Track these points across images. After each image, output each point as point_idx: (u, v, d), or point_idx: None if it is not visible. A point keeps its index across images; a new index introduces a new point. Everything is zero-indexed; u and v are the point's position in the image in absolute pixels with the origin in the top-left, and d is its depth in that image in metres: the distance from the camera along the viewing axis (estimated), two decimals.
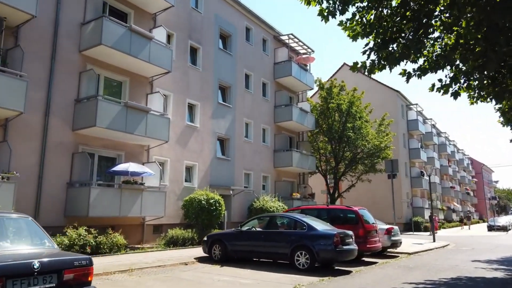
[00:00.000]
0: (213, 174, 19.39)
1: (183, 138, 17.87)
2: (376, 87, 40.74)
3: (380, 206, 38.12)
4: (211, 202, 16.23)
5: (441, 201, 51.28)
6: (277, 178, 24.61)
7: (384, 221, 36.55)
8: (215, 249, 11.55)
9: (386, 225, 15.23)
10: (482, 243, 23.32)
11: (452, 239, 26.58)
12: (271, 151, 24.37)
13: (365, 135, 26.96)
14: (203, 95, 19.32)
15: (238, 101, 21.83)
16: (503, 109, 13.07)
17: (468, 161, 78.15)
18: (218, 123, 20.15)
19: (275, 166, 24.36)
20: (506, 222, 41.00)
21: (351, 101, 27.75)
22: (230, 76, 21.46)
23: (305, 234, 10.24)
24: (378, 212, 38.85)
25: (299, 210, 13.60)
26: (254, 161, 22.59)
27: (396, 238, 14.77)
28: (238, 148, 21.44)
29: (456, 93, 7.52)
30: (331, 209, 13.08)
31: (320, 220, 11.56)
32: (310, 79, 27.12)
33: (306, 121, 25.93)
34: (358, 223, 12.17)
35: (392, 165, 17.82)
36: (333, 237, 9.88)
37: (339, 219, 12.80)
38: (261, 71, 24.17)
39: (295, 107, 25.07)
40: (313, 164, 26.36)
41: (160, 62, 15.40)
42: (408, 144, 41.94)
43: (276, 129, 25.04)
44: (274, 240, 10.67)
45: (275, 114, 24.98)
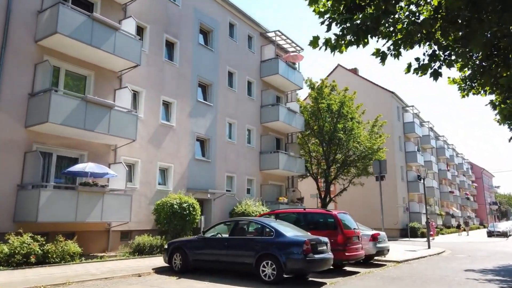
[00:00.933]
0: (191, 176, 18.17)
1: (156, 138, 16.67)
2: (371, 88, 39.66)
3: (375, 210, 36.79)
4: (184, 207, 15.00)
5: (439, 206, 49.93)
6: (263, 181, 23.38)
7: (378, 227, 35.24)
8: (175, 259, 10.30)
9: (372, 230, 13.98)
10: (480, 250, 22.02)
11: (449, 246, 25.27)
12: (257, 153, 23.15)
13: (357, 137, 25.75)
14: (180, 92, 18.17)
15: (220, 100, 20.67)
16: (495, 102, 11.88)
17: (467, 166, 76.82)
18: (197, 123, 18.97)
19: (261, 169, 23.13)
20: (506, 228, 39.65)
21: (342, 101, 26.62)
22: (212, 73, 20.32)
23: (272, 242, 9.00)
24: (372, 217, 37.62)
25: (274, 214, 12.35)
26: (237, 163, 21.38)
27: (382, 245, 13.51)
28: (219, 149, 20.25)
29: (436, 73, 6.33)
30: (308, 214, 11.84)
31: (292, 225, 10.32)
32: (299, 78, 25.97)
33: (295, 122, 24.74)
34: (337, 229, 10.92)
35: (380, 166, 16.59)
36: (303, 244, 8.64)
37: (317, 224, 11.56)
38: (246, 69, 23.03)
39: (282, 106, 23.90)
40: (302, 167, 25.13)
41: (127, 54, 14.25)
42: (404, 147, 40.73)
43: (262, 130, 23.85)
44: (238, 248, 9.43)
45: (262, 114, 23.80)
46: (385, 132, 37.02)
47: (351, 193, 38.08)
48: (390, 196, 36.58)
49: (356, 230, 11.67)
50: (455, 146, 64.55)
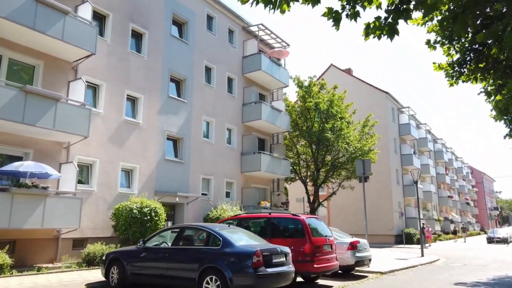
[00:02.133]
0: (160, 178, 16.67)
1: (119, 136, 15.20)
2: (365, 88, 38.26)
3: (370, 216, 35.11)
4: (145, 211, 13.49)
5: (437, 211, 48.25)
6: (245, 184, 21.85)
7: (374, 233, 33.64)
8: (113, 272, 8.80)
9: (352, 238, 12.46)
10: (477, 258, 20.42)
11: (445, 253, 23.67)
12: (238, 154, 21.66)
13: (346, 137, 24.26)
14: (148, 86, 16.73)
15: (195, 96, 19.22)
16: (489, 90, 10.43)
17: (467, 170, 75.14)
18: (168, 120, 17.51)
19: (242, 171, 21.62)
20: (507, 234, 37.95)
21: (331, 99, 25.19)
22: (186, 67, 18.89)
23: (218, 253, 7.49)
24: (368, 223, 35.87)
25: (236, 219, 10.82)
26: (215, 164, 19.88)
27: (363, 254, 11.96)
28: (194, 149, 18.76)
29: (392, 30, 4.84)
30: (273, 219, 10.31)
31: (250, 233, 8.83)
32: (284, 75, 24.54)
33: (279, 121, 23.26)
34: (305, 236, 9.39)
35: (363, 166, 15.06)
36: (252, 256, 7.14)
37: (283, 231, 10.03)
38: (226, 65, 21.61)
39: (265, 104, 22.43)
40: (287, 169, 23.61)
41: (79, 42, 12.83)
42: (400, 149, 39.19)
43: (244, 129, 22.37)
44: (180, 260, 7.92)
45: (244, 112, 22.34)
46: (378, 133, 35.65)
47: (344, 197, 36.57)
48: (384, 200, 35.04)
49: (329, 237, 10.13)
50: (454, 149, 62.96)
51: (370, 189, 35.98)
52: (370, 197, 35.66)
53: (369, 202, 35.76)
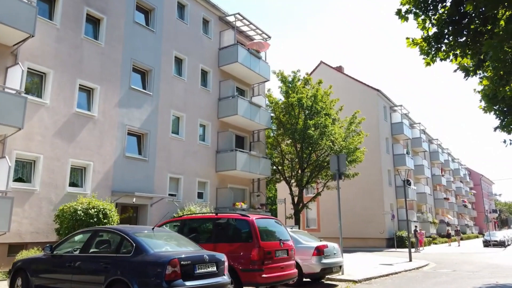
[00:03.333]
0: (118, 177, 15.18)
1: (69, 130, 13.73)
2: (355, 86, 36.88)
3: (359, 218, 33.72)
4: (91, 213, 11.99)
5: (432, 214, 46.71)
6: (221, 184, 20.36)
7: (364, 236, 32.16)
8: (17, 284, 7.32)
9: (319, 241, 10.97)
10: (469, 263, 18.91)
11: (436, 258, 22.17)
12: (213, 152, 20.19)
13: (330, 135, 22.79)
14: (106, 77, 15.28)
15: (163, 89, 17.77)
16: (467, 67, 8.99)
17: (465, 172, 73.62)
18: (130, 114, 16.05)
19: (217, 170, 20.14)
20: (504, 237, 36.38)
21: (315, 94, 23.79)
22: (152, 57, 17.45)
23: (128, 261, 6.01)
24: (356, 226, 34.47)
25: (179, 221, 9.32)
26: (185, 163, 18.41)
27: (331, 261, 10.46)
28: (161, 146, 17.29)
29: None
30: (220, 220, 8.81)
31: (179, 236, 7.37)
32: (264, 68, 23.11)
33: (259, 117, 21.81)
34: (252, 240, 7.90)
35: (338, 161, 13.53)
36: (166, 266, 5.65)
37: (229, 234, 8.54)
38: (199, 56, 20.18)
39: (242, 99, 20.99)
40: (267, 169, 22.12)
41: (14, 21, 11.41)
42: (392, 149, 37.72)
43: (220, 125, 20.91)
44: (86, 271, 6.43)
45: (219, 107, 20.88)
46: (369, 132, 34.20)
47: (333, 199, 35.10)
48: (375, 202, 33.51)
49: (286, 241, 8.63)
50: (450, 150, 61.48)
51: (360, 190, 34.62)
52: (360, 198, 34.25)
53: (359, 204, 34.50)
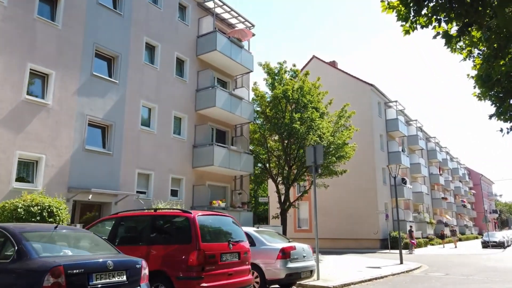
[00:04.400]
0: (76, 172, 13.79)
1: (16, 119, 12.35)
2: (349, 81, 35.53)
3: (353, 219, 32.29)
4: (34, 211, 10.58)
5: (430, 214, 45.28)
6: (198, 181, 18.98)
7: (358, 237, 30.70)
8: None
9: (288, 242, 9.58)
10: (464, 266, 17.52)
11: (429, 260, 20.80)
12: (189, 147, 18.81)
13: (317, 129, 21.39)
14: (63, 62, 13.89)
15: (131, 77, 16.40)
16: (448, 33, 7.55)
17: (464, 171, 72.15)
18: (91, 103, 14.67)
19: (194, 166, 18.76)
20: (503, 238, 34.96)
21: (301, 86, 22.41)
22: (119, 43, 16.08)
23: (5, 269, 4.63)
24: (351, 226, 33.04)
25: (115, 218, 7.93)
26: (157, 158, 17.03)
27: (299, 265, 9.07)
28: (129, 139, 15.91)
29: None
30: (158, 217, 7.43)
31: (92, 236, 5.96)
32: (247, 58, 21.75)
33: (240, 110, 20.44)
34: (191, 241, 6.50)
35: (314, 152, 12.09)
36: (45, 275, 4.26)
37: (165, 235, 7.16)
38: (175, 44, 18.81)
39: (221, 90, 19.62)
40: (249, 165, 20.71)
41: None
42: (387, 146, 36.32)
43: (198, 118, 19.54)
44: None
45: (197, 99, 19.52)
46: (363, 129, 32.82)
47: (325, 197, 33.70)
48: (369, 201, 32.09)
49: (237, 242, 7.24)
50: (449, 149, 60.04)
51: (353, 189, 33.22)
52: (353, 198, 32.83)
53: (352, 204, 33.05)
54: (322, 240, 34.24)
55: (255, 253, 8.96)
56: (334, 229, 32.90)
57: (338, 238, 32.88)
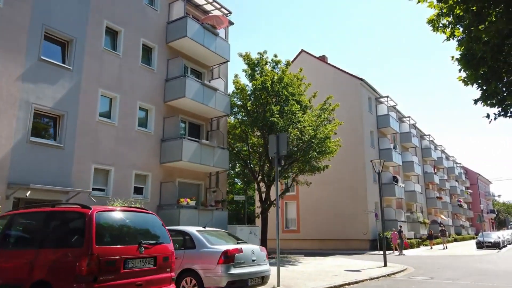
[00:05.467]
0: (18, 166, 12.39)
1: None
2: (338, 76, 34.21)
3: (342, 219, 30.90)
4: None
5: (424, 214, 43.94)
6: (167, 178, 17.59)
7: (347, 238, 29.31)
8: None
9: (236, 244, 8.19)
10: (452, 268, 16.16)
11: (419, 261, 19.46)
12: (156, 140, 17.43)
13: (297, 122, 20.05)
14: (3, 44, 12.47)
15: (88, 64, 15.00)
16: None
17: (460, 170, 70.83)
18: (38, 90, 13.26)
19: (162, 161, 17.38)
20: (498, 238, 33.59)
21: (281, 77, 21.08)
22: (74, 26, 14.69)
23: None
24: (340, 226, 31.63)
25: (8, 216, 6.54)
26: (119, 152, 15.64)
27: (246, 270, 7.71)
28: (84, 131, 14.51)
29: None
30: (52, 214, 6.01)
31: None
32: (223, 47, 20.38)
33: (214, 102, 19.07)
34: (83, 244, 5.12)
35: (278, 142, 10.63)
36: None
37: (57, 235, 5.76)
38: (141, 29, 17.44)
39: (192, 79, 18.24)
40: (223, 161, 19.32)
41: None
42: (378, 143, 34.99)
43: (167, 110, 18.15)
44: None
45: (166, 89, 18.14)
46: (352, 125, 31.55)
47: (314, 197, 32.37)
48: (358, 200, 30.74)
49: (153, 245, 5.86)
50: (444, 147, 58.75)
51: (341, 187, 31.85)
52: (342, 196, 31.45)
53: (341, 203, 31.63)
54: (311, 241, 33.01)
55: (194, 257, 7.61)
56: (323, 230, 31.56)
57: (327, 239, 31.52)
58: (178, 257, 7.75)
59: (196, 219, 16.98)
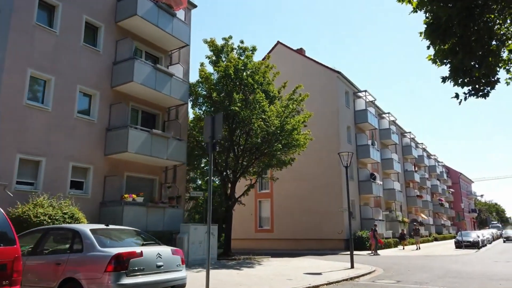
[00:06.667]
0: None
1: None
2: (315, 69, 32.80)
3: (317, 218, 29.44)
4: None
5: (404, 213, 42.89)
6: (112, 171, 15.79)
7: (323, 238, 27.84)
8: None
9: (139, 245, 6.54)
10: (426, 269, 14.77)
11: (390, 262, 18.10)
12: (101, 130, 15.63)
13: (260, 112, 18.47)
14: None
15: (15, 40, 13.14)
16: None
17: (442, 169, 70.38)
18: None
19: (107, 153, 15.59)
20: (478, 237, 32.60)
21: (245, 63, 19.50)
22: None
23: None
24: (315, 225, 30.16)
25: None
26: (52, 141, 13.81)
27: (148, 280, 6.05)
28: (7, 116, 12.65)
29: None
30: None
31: None
32: (181, 29, 18.66)
33: (169, 89, 17.36)
34: None
35: (213, 123, 8.94)
36: None
37: None
38: (84, 5, 15.62)
39: (142, 62, 16.50)
40: (179, 153, 17.60)
41: None
42: (355, 139, 33.68)
43: (115, 97, 16.36)
44: None
45: (114, 73, 16.35)
46: (328, 119, 30.18)
47: (289, 195, 30.89)
48: (334, 198, 29.29)
49: None
50: (426, 145, 58.00)
51: (317, 185, 30.38)
52: (317, 194, 29.99)
53: (315, 201, 30.08)
54: (285, 241, 31.47)
55: (79, 263, 5.93)
56: (298, 229, 30.07)
57: (302, 239, 30.03)
58: (61, 263, 6.06)
59: (144, 218, 15.28)
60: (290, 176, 30.26)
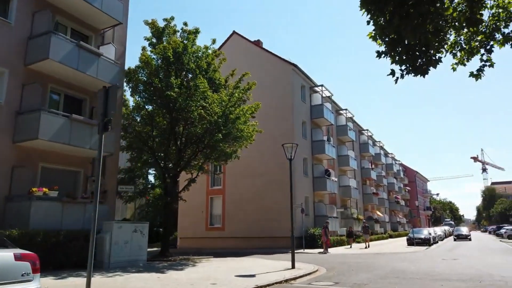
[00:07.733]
0: None
1: None
2: (271, 60, 31.64)
3: (269, 215, 28.25)
4: None
5: (359, 210, 42.75)
6: (23, 161, 13.70)
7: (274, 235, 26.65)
8: None
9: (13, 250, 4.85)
10: (370, 269, 13.81)
11: (335, 261, 17.08)
12: (9, 113, 13.51)
13: (200, 98, 16.94)
14: None
15: None
16: None
17: (399, 167, 71.71)
18: None
19: (15, 140, 13.50)
20: (429, 234, 32.72)
21: (185, 46, 17.88)
22: None
23: None
24: (268, 223, 28.96)
25: None
26: None
27: None
28: None
29: None
30: None
31: None
32: (113, 5, 16.73)
33: (96, 70, 15.42)
34: None
35: (106, 99, 7.32)
36: None
37: None
38: None
39: (61, 37, 14.46)
40: (107, 143, 15.59)
41: None
42: (311, 135, 32.81)
43: (29, 76, 14.24)
44: None
45: (29, 49, 14.24)
46: (282, 114, 29.09)
47: (242, 191, 29.54)
48: (287, 194, 28.11)
49: None
50: (383, 143, 58.57)
51: (270, 181, 29.19)
52: (270, 191, 28.86)
53: (268, 198, 28.83)
54: (236, 239, 30.06)
55: None
56: (250, 227, 28.76)
57: (254, 237, 28.74)
58: None
59: (59, 215, 13.34)
60: (243, 172, 28.95)
